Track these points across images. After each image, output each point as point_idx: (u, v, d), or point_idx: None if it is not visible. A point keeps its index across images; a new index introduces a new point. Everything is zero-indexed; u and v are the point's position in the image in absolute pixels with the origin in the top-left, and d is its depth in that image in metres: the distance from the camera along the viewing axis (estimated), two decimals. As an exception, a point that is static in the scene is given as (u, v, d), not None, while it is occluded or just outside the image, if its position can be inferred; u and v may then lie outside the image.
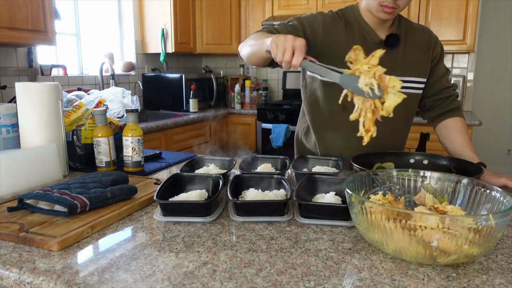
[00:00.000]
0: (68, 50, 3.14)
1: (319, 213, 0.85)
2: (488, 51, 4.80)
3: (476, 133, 4.79)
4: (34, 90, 1.15)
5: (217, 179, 1.01)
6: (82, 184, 0.96)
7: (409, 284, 0.63)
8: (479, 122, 3.03)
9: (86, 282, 0.62)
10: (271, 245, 0.76)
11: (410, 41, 1.31)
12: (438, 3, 3.29)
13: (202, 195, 0.90)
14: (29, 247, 0.75)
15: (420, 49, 1.31)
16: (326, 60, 1.26)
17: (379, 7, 1.17)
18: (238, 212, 0.88)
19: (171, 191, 0.95)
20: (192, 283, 0.62)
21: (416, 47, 1.31)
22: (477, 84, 4.71)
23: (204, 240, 0.78)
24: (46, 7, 2.29)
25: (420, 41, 1.32)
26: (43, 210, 0.87)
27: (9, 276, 0.66)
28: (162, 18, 3.45)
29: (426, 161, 1.18)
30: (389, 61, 1.23)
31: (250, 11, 3.85)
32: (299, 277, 0.64)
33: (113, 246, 0.76)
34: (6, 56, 2.52)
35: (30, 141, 1.18)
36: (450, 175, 0.86)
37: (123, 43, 3.59)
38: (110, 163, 1.27)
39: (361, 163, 1.07)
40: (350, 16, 1.30)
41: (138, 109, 1.29)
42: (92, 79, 3.16)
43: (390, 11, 1.16)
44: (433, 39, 1.34)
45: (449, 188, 0.85)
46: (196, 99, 3.44)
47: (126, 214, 0.92)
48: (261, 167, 1.15)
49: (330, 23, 1.28)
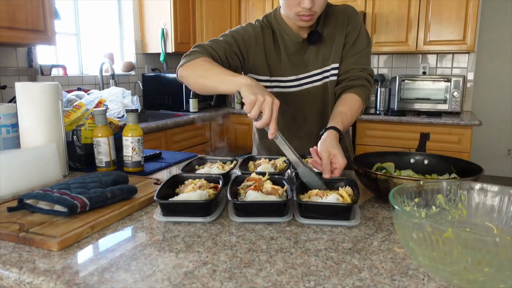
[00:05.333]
0: (68, 50, 3.14)
1: (319, 213, 0.85)
2: (488, 51, 4.81)
3: (476, 133, 4.80)
4: (34, 90, 1.16)
5: (217, 179, 1.01)
6: (82, 184, 0.96)
7: (409, 284, 0.63)
8: (479, 122, 3.03)
9: (86, 282, 0.62)
10: (271, 245, 0.76)
11: (330, 29, 1.29)
12: (438, 3, 3.29)
13: (202, 195, 0.90)
14: (29, 247, 0.75)
15: (337, 33, 1.28)
16: (259, 70, 1.32)
17: (297, 16, 1.18)
18: (238, 212, 0.88)
19: (172, 191, 0.95)
20: (192, 283, 0.62)
21: (335, 34, 1.29)
22: (477, 84, 4.72)
23: (204, 240, 0.78)
24: (46, 7, 2.29)
25: (337, 24, 1.29)
26: (43, 210, 0.86)
27: (9, 276, 0.66)
28: (162, 18, 3.45)
29: (426, 161, 1.18)
30: (305, 58, 1.30)
31: (250, 11, 3.85)
32: (299, 277, 0.64)
33: (113, 246, 0.76)
34: (6, 56, 2.52)
35: (30, 141, 1.18)
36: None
37: (123, 43, 3.59)
38: (110, 163, 1.27)
39: (361, 163, 1.07)
40: (274, 23, 1.32)
41: (138, 109, 1.29)
42: (92, 79, 3.16)
43: (308, 19, 1.18)
44: (348, 16, 1.28)
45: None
46: (196, 99, 3.44)
47: (126, 214, 0.92)
48: (261, 167, 1.15)
49: (260, 33, 1.30)
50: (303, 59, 1.30)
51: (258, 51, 1.29)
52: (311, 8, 1.15)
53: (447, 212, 0.79)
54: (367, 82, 1.27)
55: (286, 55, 1.31)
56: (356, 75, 1.27)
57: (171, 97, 3.49)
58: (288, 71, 1.31)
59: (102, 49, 3.41)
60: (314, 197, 0.91)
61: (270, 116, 0.93)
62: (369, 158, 1.17)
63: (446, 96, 3.37)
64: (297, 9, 1.16)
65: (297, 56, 1.31)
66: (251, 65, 1.31)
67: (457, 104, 3.35)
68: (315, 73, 1.31)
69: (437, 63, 3.73)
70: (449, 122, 3.10)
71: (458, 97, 3.33)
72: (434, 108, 3.42)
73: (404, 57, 3.83)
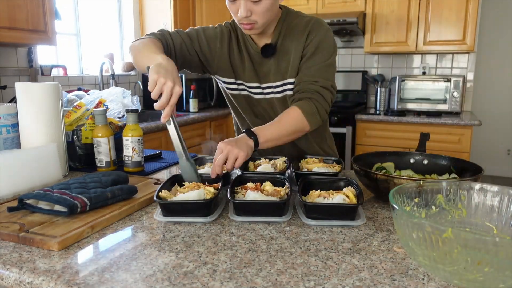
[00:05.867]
0: (68, 50, 3.14)
1: (326, 213, 0.85)
2: (488, 51, 4.81)
3: (476, 133, 4.81)
4: (34, 90, 1.16)
5: (217, 179, 1.01)
6: (82, 184, 0.96)
7: (409, 284, 0.63)
8: (479, 122, 3.03)
9: (86, 282, 0.62)
10: (271, 245, 0.76)
11: (288, 43, 1.24)
12: (438, 3, 3.29)
13: (201, 195, 0.90)
14: (29, 247, 0.75)
15: (294, 47, 1.23)
16: (224, 73, 1.32)
17: (240, 24, 1.16)
18: (237, 212, 0.88)
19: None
20: (192, 283, 0.62)
21: (292, 47, 1.23)
22: (477, 84, 4.72)
23: (204, 240, 0.78)
24: (46, 7, 2.29)
25: (295, 38, 1.23)
26: (43, 210, 0.87)
27: (9, 276, 0.66)
28: (162, 18, 3.45)
29: (426, 161, 1.18)
30: (266, 69, 1.28)
31: (250, 11, 3.85)
32: (299, 277, 0.64)
33: (113, 246, 0.76)
34: (6, 56, 2.52)
35: (30, 141, 1.18)
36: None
37: (123, 43, 3.59)
38: (110, 163, 1.27)
39: (361, 163, 1.07)
40: (239, 29, 1.29)
41: (138, 109, 1.29)
42: (92, 79, 3.16)
43: (248, 27, 1.14)
44: (308, 30, 1.22)
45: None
46: (196, 99, 3.44)
47: (126, 214, 0.92)
48: (261, 167, 1.15)
49: (227, 35, 1.29)
50: (264, 69, 1.28)
51: (223, 54, 1.28)
52: (249, 17, 1.10)
53: (447, 212, 0.79)
54: (317, 94, 1.19)
55: (250, 63, 1.28)
56: (306, 87, 1.20)
57: (171, 97, 3.48)
58: (251, 78, 1.29)
59: (102, 49, 3.41)
60: (317, 198, 0.91)
61: (167, 100, 0.95)
62: (369, 158, 1.17)
63: (446, 96, 3.37)
64: (237, 17, 1.14)
65: (259, 66, 1.29)
66: (216, 67, 1.31)
67: (457, 104, 3.35)
68: (275, 85, 1.28)
69: (437, 63, 3.73)
70: (449, 122, 3.10)
71: (458, 97, 3.33)
72: (434, 108, 3.42)
73: (404, 57, 3.84)
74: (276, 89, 1.29)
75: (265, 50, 1.25)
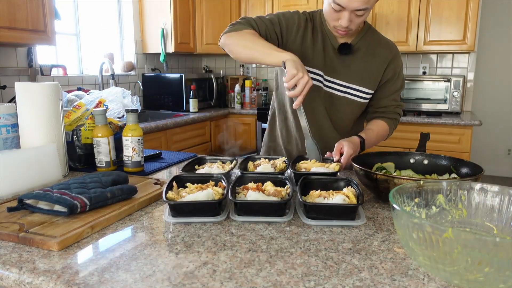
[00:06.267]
0: (68, 50, 3.13)
1: (326, 214, 0.85)
2: (488, 51, 4.80)
3: (476, 133, 4.80)
4: (34, 90, 1.15)
5: (219, 179, 1.01)
6: (82, 184, 0.96)
7: (409, 284, 0.63)
8: (479, 122, 3.03)
9: (86, 282, 0.62)
10: (271, 245, 0.76)
11: (369, 52, 1.36)
12: (438, 3, 3.29)
13: (209, 195, 0.89)
14: (29, 247, 0.75)
15: (375, 63, 1.36)
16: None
17: (334, 28, 1.27)
18: (238, 212, 0.88)
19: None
20: (192, 283, 0.62)
21: (372, 60, 1.36)
22: (477, 84, 4.72)
23: (204, 240, 0.78)
24: (46, 7, 2.29)
25: (379, 55, 1.37)
26: (43, 210, 0.86)
27: (9, 276, 0.66)
28: (162, 18, 3.45)
29: (426, 161, 1.18)
30: (340, 65, 1.36)
31: (250, 11, 3.85)
32: (299, 277, 0.64)
33: (113, 246, 0.76)
34: (6, 56, 2.52)
35: (30, 141, 1.18)
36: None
37: (123, 43, 3.59)
38: (110, 163, 1.27)
39: (361, 163, 1.07)
40: (317, 20, 1.37)
41: (138, 109, 1.29)
42: (92, 79, 3.16)
43: (343, 33, 1.27)
44: (393, 56, 1.38)
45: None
46: (196, 99, 3.44)
47: (126, 214, 0.92)
48: (260, 167, 1.15)
49: (303, 24, 1.36)
50: (333, 64, 1.35)
51: (297, 39, 1.34)
52: (348, 26, 1.22)
53: (447, 212, 0.79)
54: (398, 116, 1.45)
55: (322, 53, 1.35)
56: (392, 110, 1.43)
57: (171, 97, 3.49)
58: (317, 65, 1.35)
59: (102, 49, 3.41)
60: (317, 198, 0.91)
61: (301, 91, 1.11)
62: (369, 158, 1.17)
63: (446, 96, 3.37)
64: (335, 23, 1.25)
65: (330, 60, 1.35)
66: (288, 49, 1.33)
67: (457, 104, 3.35)
68: (338, 82, 1.36)
69: (437, 63, 3.73)
70: (449, 122, 3.10)
71: (458, 97, 3.33)
72: (434, 108, 3.42)
73: (404, 57, 3.83)
74: (338, 87, 1.37)
75: (343, 47, 1.33)
